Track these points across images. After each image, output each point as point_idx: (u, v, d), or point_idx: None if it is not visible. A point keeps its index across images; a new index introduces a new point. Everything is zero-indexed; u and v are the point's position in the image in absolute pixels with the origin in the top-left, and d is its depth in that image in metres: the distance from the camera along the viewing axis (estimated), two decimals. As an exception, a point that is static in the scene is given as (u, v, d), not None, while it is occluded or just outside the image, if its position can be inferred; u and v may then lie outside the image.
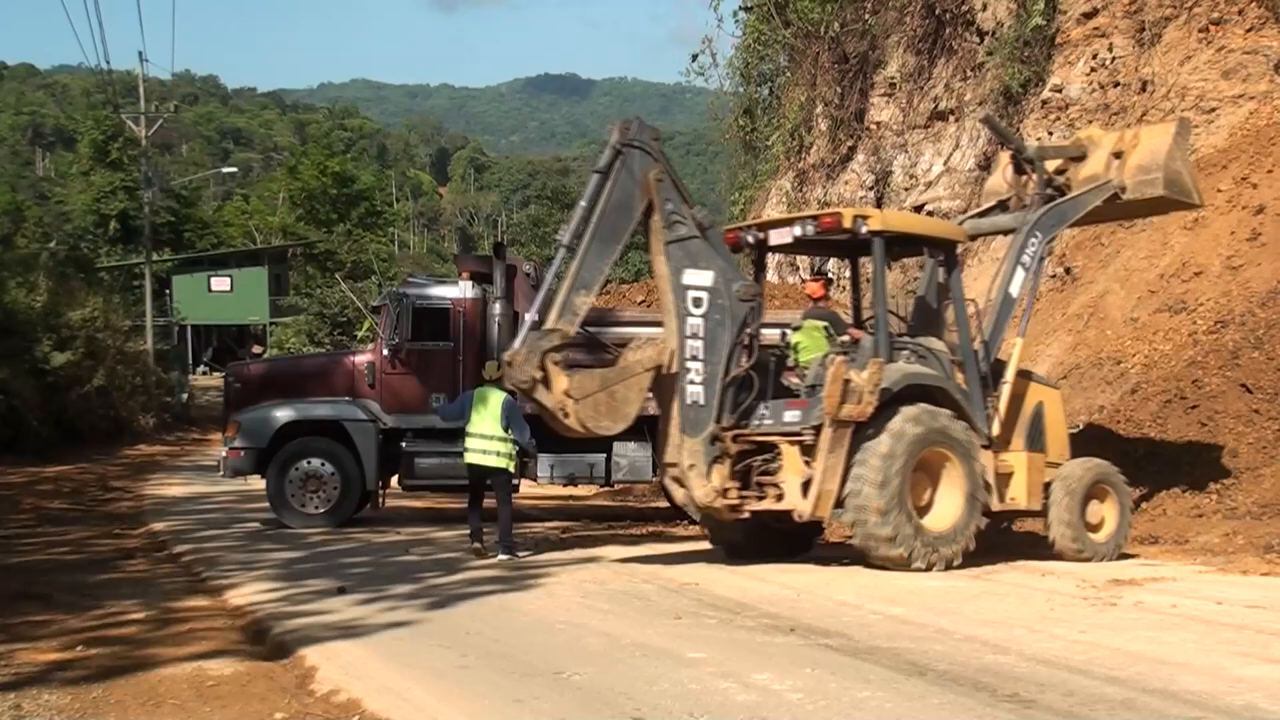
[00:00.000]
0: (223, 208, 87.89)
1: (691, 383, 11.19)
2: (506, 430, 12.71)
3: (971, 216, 13.57)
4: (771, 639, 8.02)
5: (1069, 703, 6.15)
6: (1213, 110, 18.62)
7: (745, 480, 11.23)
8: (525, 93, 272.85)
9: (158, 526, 16.65)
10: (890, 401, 10.82)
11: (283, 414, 16.13)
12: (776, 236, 12.03)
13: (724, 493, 11.09)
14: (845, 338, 11.81)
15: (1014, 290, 11.99)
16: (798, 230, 11.66)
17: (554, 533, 15.35)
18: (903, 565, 10.67)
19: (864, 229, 11.22)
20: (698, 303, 11.32)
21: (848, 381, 10.63)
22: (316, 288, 54.81)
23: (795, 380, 11.78)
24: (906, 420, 10.78)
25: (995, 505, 11.45)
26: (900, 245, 12.02)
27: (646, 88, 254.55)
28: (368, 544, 14.20)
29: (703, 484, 11.06)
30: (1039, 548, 11.95)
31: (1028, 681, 6.60)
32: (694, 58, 30.73)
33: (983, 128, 15.55)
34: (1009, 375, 11.79)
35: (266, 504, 16.78)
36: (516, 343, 10.93)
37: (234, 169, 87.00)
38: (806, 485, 10.82)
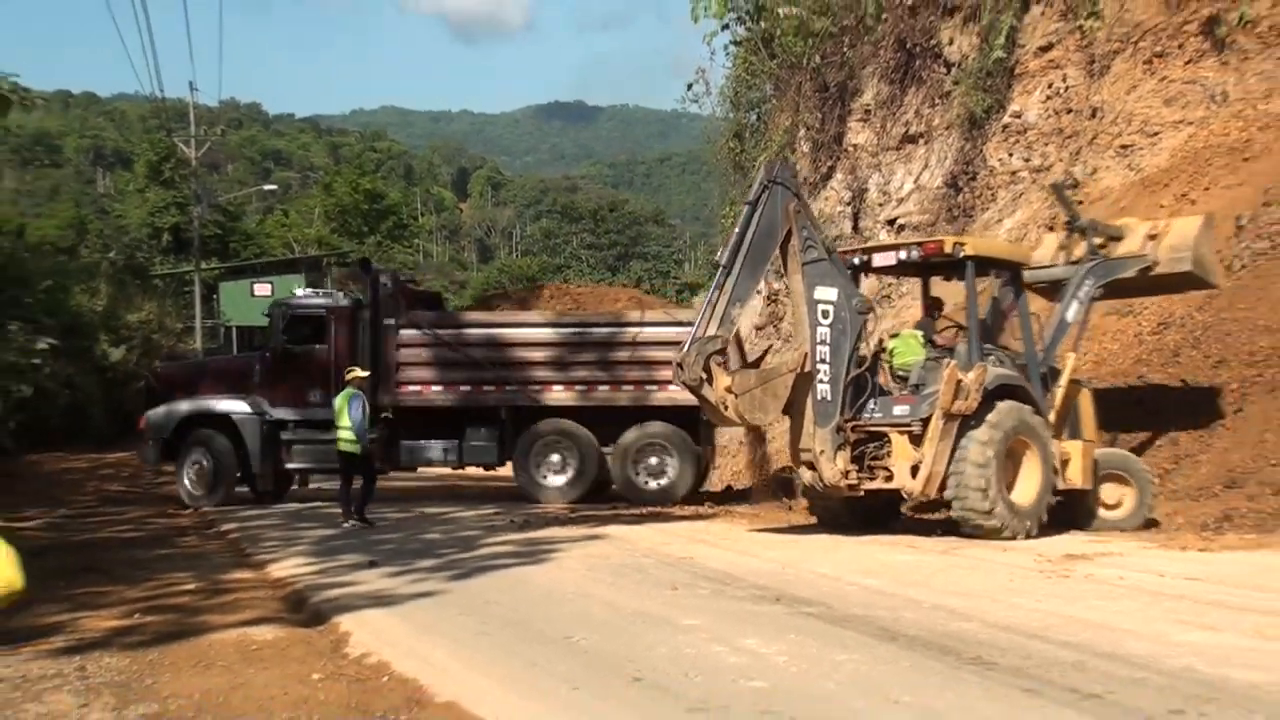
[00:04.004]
0: (264, 221, 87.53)
1: (821, 381, 11.70)
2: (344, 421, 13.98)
3: (1031, 269, 13.92)
4: (759, 608, 8.02)
5: (1026, 665, 6.14)
6: (1156, 134, 18.62)
7: (859, 464, 11.81)
8: (538, 118, 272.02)
9: (206, 507, 16.68)
10: (985, 398, 11.34)
11: (183, 409, 17.07)
12: (880, 259, 12.58)
13: (846, 474, 11.68)
14: (935, 344, 12.40)
15: (1069, 317, 12.79)
16: (902, 254, 12.24)
17: (563, 513, 15.36)
18: (995, 535, 11.22)
19: (961, 254, 11.79)
20: (825, 314, 11.82)
21: (959, 381, 11.18)
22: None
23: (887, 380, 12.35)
24: (1001, 414, 11.40)
25: (1060, 485, 11.95)
26: (980, 267, 12.30)
27: (647, 113, 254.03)
28: (394, 523, 14.23)
29: (831, 467, 11.67)
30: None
31: (989, 646, 6.59)
32: (689, 87, 30.67)
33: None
34: (1063, 380, 12.37)
35: (299, 489, 17.07)
36: (685, 347, 11.30)
37: (274, 187, 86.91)
38: (914, 468, 11.46)
